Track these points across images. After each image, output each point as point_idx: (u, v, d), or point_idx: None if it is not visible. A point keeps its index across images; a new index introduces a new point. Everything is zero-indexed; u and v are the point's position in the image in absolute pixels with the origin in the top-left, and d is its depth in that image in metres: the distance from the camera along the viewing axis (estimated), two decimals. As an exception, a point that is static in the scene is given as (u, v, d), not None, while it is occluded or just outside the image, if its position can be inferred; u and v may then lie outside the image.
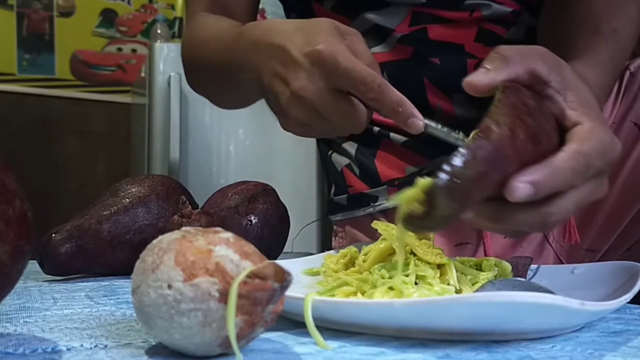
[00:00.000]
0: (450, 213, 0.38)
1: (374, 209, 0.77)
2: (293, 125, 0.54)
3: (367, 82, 0.47)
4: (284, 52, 0.52)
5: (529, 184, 0.40)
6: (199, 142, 2.02)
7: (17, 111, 2.55)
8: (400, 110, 0.48)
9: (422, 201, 0.38)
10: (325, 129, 0.53)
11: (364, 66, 0.48)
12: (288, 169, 2.09)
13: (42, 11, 2.64)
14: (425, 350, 0.35)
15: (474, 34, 0.72)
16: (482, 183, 0.39)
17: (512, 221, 0.43)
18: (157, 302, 0.31)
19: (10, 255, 0.33)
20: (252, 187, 0.74)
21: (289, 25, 0.54)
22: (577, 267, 0.53)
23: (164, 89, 1.97)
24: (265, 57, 0.54)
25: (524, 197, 0.40)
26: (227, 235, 0.33)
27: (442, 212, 0.38)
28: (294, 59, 0.50)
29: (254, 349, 0.35)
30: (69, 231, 0.64)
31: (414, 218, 0.39)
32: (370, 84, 0.47)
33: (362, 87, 0.48)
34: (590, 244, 0.75)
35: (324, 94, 0.49)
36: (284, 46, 0.52)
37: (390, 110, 0.48)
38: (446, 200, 0.37)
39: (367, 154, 0.77)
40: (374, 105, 0.49)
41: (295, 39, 0.51)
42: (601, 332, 0.40)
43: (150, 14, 2.83)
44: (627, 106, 0.73)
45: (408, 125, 0.48)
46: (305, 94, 0.50)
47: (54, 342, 0.36)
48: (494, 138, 0.39)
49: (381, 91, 0.48)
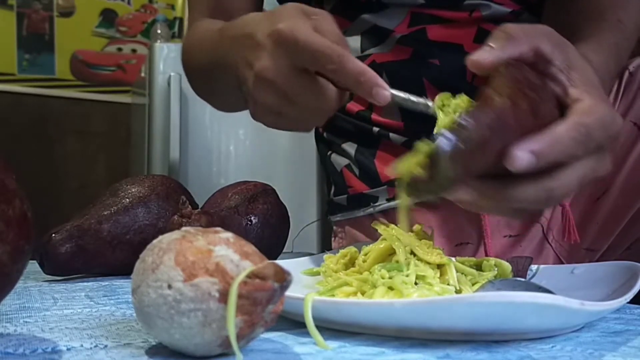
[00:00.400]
0: (453, 176, 0.39)
1: (374, 209, 0.77)
2: (262, 113, 0.53)
3: (326, 54, 0.46)
4: (250, 38, 0.51)
5: (530, 152, 0.39)
6: (199, 142, 2.02)
7: (17, 111, 2.55)
8: (362, 79, 0.46)
9: (426, 165, 0.38)
10: (296, 115, 0.51)
11: (323, 39, 0.47)
12: (288, 169, 2.09)
13: (42, 11, 2.64)
14: (425, 350, 0.35)
15: (473, 34, 0.72)
16: (484, 149, 0.39)
17: (514, 198, 0.41)
18: (157, 302, 0.31)
19: (10, 255, 0.33)
20: (252, 187, 0.74)
21: (260, 15, 0.53)
22: (577, 267, 0.53)
23: (164, 89, 1.97)
24: (238, 48, 0.53)
25: (525, 166, 0.39)
26: (227, 235, 0.33)
27: (445, 175, 0.38)
28: (258, 43, 0.50)
29: (254, 349, 0.35)
30: (69, 231, 0.64)
31: (418, 182, 0.39)
32: (328, 54, 0.46)
33: (321, 60, 0.46)
34: (590, 244, 0.75)
35: (287, 74, 0.48)
36: (251, 33, 0.51)
37: (352, 82, 0.46)
38: (450, 163, 0.38)
39: (367, 155, 0.77)
40: (335, 77, 0.47)
41: (261, 25, 0.51)
42: (601, 332, 0.40)
43: (150, 14, 2.83)
44: (626, 106, 0.73)
45: (373, 96, 0.46)
46: (268, 74, 0.49)
47: (54, 342, 0.36)
48: (496, 107, 0.39)
49: (341, 61, 0.46)
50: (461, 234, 0.73)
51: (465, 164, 0.39)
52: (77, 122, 2.65)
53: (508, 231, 0.74)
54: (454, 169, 0.38)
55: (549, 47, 0.45)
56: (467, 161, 0.38)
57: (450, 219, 0.73)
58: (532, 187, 0.41)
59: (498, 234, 0.73)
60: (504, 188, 0.41)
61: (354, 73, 0.46)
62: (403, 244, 0.47)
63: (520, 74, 0.42)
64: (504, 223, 0.74)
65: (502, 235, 0.74)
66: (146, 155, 2.05)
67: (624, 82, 0.74)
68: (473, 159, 0.39)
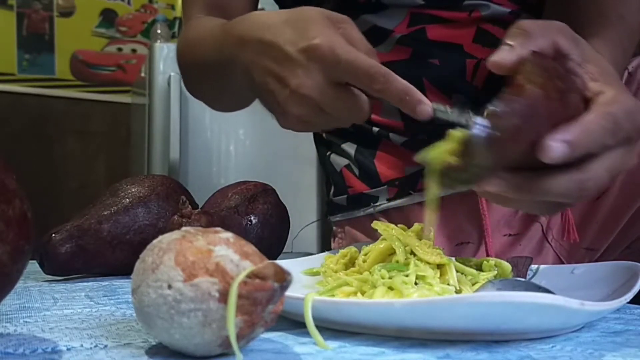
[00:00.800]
0: (486, 165, 0.38)
1: (374, 209, 0.77)
2: (293, 123, 0.53)
3: (371, 74, 0.46)
4: (275, 49, 0.50)
5: (563, 142, 0.38)
6: (199, 142, 2.02)
7: (17, 111, 2.55)
8: (407, 98, 0.46)
9: (459, 153, 0.38)
10: (327, 123, 0.52)
11: (364, 57, 0.47)
12: (288, 169, 2.09)
13: (42, 11, 2.64)
14: (425, 350, 0.35)
15: (472, 35, 0.72)
16: (516, 138, 0.38)
17: (545, 191, 0.41)
18: (157, 302, 0.31)
19: (10, 255, 0.33)
20: (252, 187, 0.74)
21: (277, 18, 0.52)
22: (577, 267, 0.53)
23: (164, 89, 1.97)
24: (254, 53, 0.52)
25: (559, 156, 0.38)
26: (227, 235, 0.33)
27: (479, 164, 0.38)
28: (288, 56, 0.49)
29: (254, 349, 0.35)
30: (69, 231, 0.64)
31: (451, 170, 0.39)
32: (374, 75, 0.46)
33: (365, 80, 0.46)
34: (589, 243, 0.75)
35: (324, 89, 0.48)
36: (275, 42, 0.50)
37: (397, 100, 0.47)
38: (485, 152, 0.37)
39: (367, 155, 0.77)
40: (379, 95, 0.48)
41: (286, 34, 0.50)
42: (601, 332, 0.40)
43: (150, 14, 2.83)
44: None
45: (417, 112, 0.46)
46: (305, 92, 0.48)
47: (54, 342, 0.36)
48: (528, 95, 0.38)
49: (386, 81, 0.46)
50: (462, 233, 0.73)
51: (499, 153, 0.38)
52: (77, 122, 2.65)
53: (508, 230, 0.74)
54: (488, 157, 0.38)
55: (565, 41, 0.44)
56: (501, 150, 0.38)
57: (450, 219, 0.73)
58: (563, 179, 0.40)
59: (498, 233, 0.73)
60: (534, 181, 0.40)
61: (399, 92, 0.46)
62: (403, 244, 0.47)
63: (549, 63, 0.41)
64: (504, 222, 0.74)
65: (502, 235, 0.74)
66: (146, 155, 2.05)
67: (623, 82, 0.74)
68: (506, 149, 0.38)
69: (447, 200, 0.73)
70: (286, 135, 2.08)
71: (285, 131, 0.57)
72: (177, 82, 1.92)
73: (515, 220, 0.75)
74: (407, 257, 0.46)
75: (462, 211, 0.73)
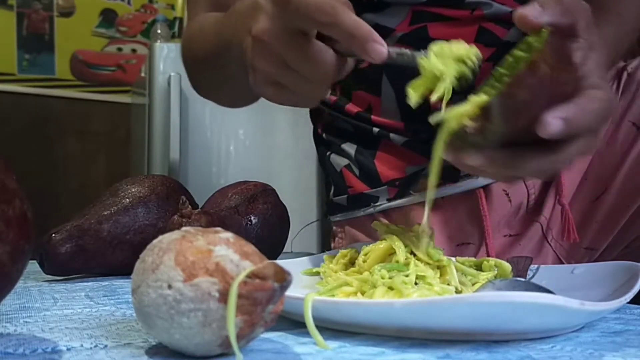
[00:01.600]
0: (501, 131, 0.41)
1: (374, 209, 0.77)
2: (262, 82, 0.50)
3: (318, 7, 0.43)
4: (254, 4, 0.50)
5: (562, 119, 0.40)
6: (199, 142, 2.02)
7: (17, 111, 2.55)
8: (357, 33, 0.43)
9: (477, 117, 0.40)
10: (295, 85, 0.49)
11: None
12: (288, 169, 2.09)
13: (42, 11, 2.64)
14: (425, 350, 0.35)
15: (474, 34, 0.72)
16: (526, 110, 0.40)
17: (522, 167, 0.43)
18: (157, 302, 0.31)
19: (10, 255, 0.33)
20: (252, 187, 0.74)
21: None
22: (577, 267, 0.53)
23: (164, 89, 1.97)
24: (243, 20, 0.52)
25: (556, 132, 0.40)
26: (227, 235, 0.33)
27: (496, 129, 0.41)
28: (259, 6, 0.49)
29: (254, 349, 0.35)
30: (69, 231, 0.64)
31: (467, 133, 0.41)
32: (323, 7, 0.43)
33: (315, 14, 0.43)
34: (589, 243, 0.75)
35: (284, 37, 0.46)
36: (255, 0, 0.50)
37: (346, 36, 0.43)
38: (502, 117, 0.40)
39: (367, 155, 0.77)
40: (330, 32, 0.45)
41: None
42: (601, 332, 0.40)
43: (150, 14, 2.83)
44: (624, 106, 0.74)
45: (368, 51, 0.43)
46: (264, 37, 0.47)
47: (54, 342, 0.36)
48: (541, 74, 0.40)
49: (335, 13, 0.43)
50: (462, 234, 0.73)
51: (511, 122, 0.41)
52: (77, 122, 2.65)
53: (507, 230, 0.74)
54: (503, 125, 0.40)
55: (583, 25, 0.45)
56: (514, 118, 0.41)
57: (451, 219, 0.73)
58: (540, 160, 0.43)
59: (498, 233, 0.73)
60: (516, 157, 0.43)
61: (348, 26, 0.43)
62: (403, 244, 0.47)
63: (564, 46, 0.43)
64: (504, 223, 0.74)
65: (502, 235, 0.74)
66: (146, 155, 2.05)
67: (622, 83, 0.75)
68: (517, 117, 0.41)
69: (448, 201, 0.73)
70: (286, 136, 2.09)
71: (285, 131, 0.57)
72: (177, 82, 1.92)
73: (515, 221, 0.75)
74: (407, 257, 0.46)
75: (463, 212, 0.73)
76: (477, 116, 0.41)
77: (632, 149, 0.72)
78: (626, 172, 0.72)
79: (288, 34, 0.46)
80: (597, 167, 0.74)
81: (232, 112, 1.83)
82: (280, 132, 2.08)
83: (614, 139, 0.73)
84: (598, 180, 0.74)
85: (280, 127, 2.07)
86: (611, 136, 0.74)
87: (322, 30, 0.45)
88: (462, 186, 0.71)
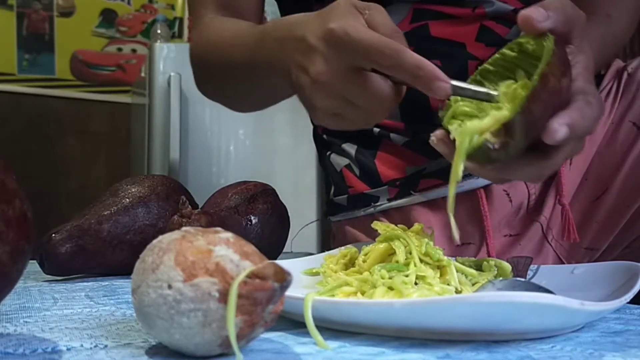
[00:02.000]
0: (521, 147, 0.42)
1: (375, 209, 0.77)
2: (322, 116, 0.51)
3: (379, 50, 0.44)
4: (302, 42, 0.50)
5: (566, 125, 0.41)
6: (199, 142, 2.02)
7: (17, 111, 2.55)
8: (420, 74, 0.44)
9: (498, 133, 0.41)
10: (356, 115, 0.50)
11: (376, 35, 0.45)
12: (288, 169, 2.09)
13: (42, 11, 2.64)
14: (425, 350, 0.35)
15: (475, 32, 0.72)
16: (542, 123, 0.42)
17: (515, 173, 0.45)
18: (157, 302, 0.31)
19: (10, 255, 0.33)
20: (252, 187, 0.74)
21: (310, 15, 0.52)
22: (577, 267, 0.53)
23: (164, 89, 1.97)
24: (290, 51, 0.52)
25: (562, 138, 0.41)
26: (227, 235, 0.33)
27: (517, 145, 0.42)
28: (310, 45, 0.49)
29: (254, 349, 0.35)
30: (69, 231, 0.64)
31: (489, 149, 0.41)
32: (382, 50, 0.44)
33: (376, 57, 0.45)
34: (589, 243, 0.75)
35: (343, 75, 0.47)
36: (302, 35, 0.50)
37: (410, 77, 0.44)
38: (524, 134, 0.41)
39: (367, 155, 0.77)
40: (393, 74, 0.46)
41: (312, 25, 0.50)
42: (601, 332, 0.40)
43: (150, 14, 2.83)
44: (625, 106, 0.73)
45: (433, 90, 0.44)
46: (324, 78, 0.48)
47: (54, 342, 0.36)
48: (550, 87, 0.41)
49: (397, 56, 0.44)
50: (463, 234, 0.73)
51: (529, 136, 0.42)
52: (77, 122, 2.65)
53: (508, 230, 0.74)
54: (523, 140, 0.41)
55: (577, 32, 0.46)
56: (532, 133, 0.42)
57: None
58: (532, 166, 0.45)
59: (498, 233, 0.73)
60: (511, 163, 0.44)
61: (411, 67, 0.44)
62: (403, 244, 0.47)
63: (565, 55, 0.44)
64: (504, 223, 0.74)
65: (502, 235, 0.74)
66: (146, 155, 2.05)
67: (622, 83, 0.75)
68: (533, 131, 0.42)
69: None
70: (286, 136, 2.09)
71: (285, 131, 0.57)
72: (177, 82, 1.92)
73: (516, 221, 0.75)
74: (407, 257, 0.46)
75: (463, 212, 0.73)
76: (499, 132, 0.41)
77: (633, 149, 0.72)
78: (626, 172, 0.72)
79: (348, 73, 0.47)
80: (597, 167, 0.74)
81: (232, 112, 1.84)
82: (280, 132, 2.08)
83: (614, 139, 0.73)
84: (598, 180, 0.74)
85: (280, 127, 2.07)
86: (611, 136, 0.74)
87: (384, 71, 0.46)
88: (462, 186, 0.71)
